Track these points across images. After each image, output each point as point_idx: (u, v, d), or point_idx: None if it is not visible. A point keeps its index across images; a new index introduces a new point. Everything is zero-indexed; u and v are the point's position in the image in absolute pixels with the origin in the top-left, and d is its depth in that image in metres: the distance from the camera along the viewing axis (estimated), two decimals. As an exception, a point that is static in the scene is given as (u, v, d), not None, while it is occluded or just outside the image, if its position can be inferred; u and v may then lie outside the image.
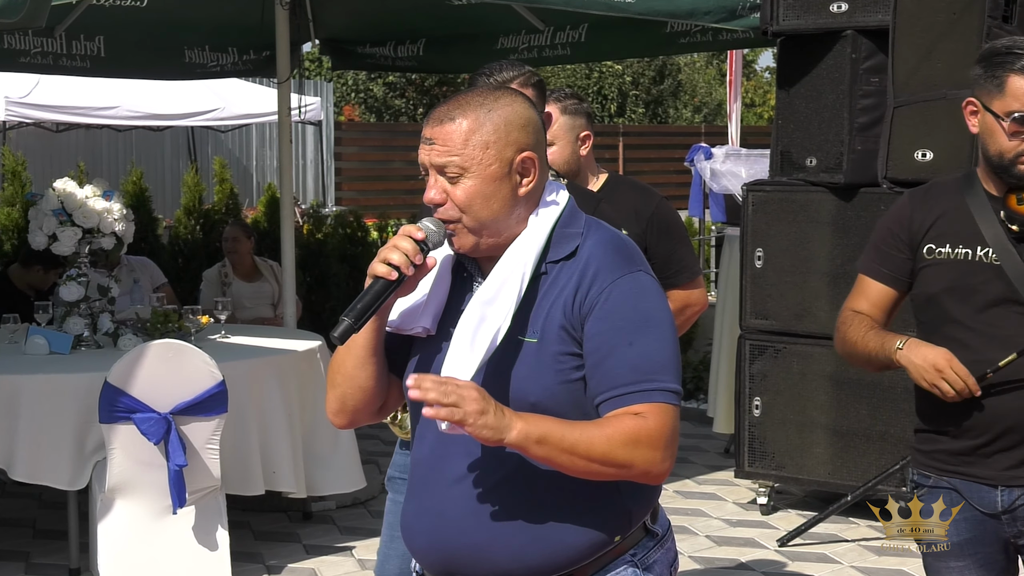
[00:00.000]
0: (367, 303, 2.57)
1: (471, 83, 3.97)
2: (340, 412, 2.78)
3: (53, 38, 8.41)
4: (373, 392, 2.75)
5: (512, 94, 2.68)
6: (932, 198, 3.51)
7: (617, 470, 2.56)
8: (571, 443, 2.52)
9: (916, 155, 6.16)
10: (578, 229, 2.69)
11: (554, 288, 2.62)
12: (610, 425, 2.55)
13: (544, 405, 2.57)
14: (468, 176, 2.59)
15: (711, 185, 9.52)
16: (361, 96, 32.46)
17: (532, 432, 2.50)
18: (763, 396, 7.13)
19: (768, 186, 7.14)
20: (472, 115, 2.60)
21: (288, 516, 7.12)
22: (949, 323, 3.41)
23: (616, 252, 2.66)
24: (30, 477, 6.02)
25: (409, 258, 2.57)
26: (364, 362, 2.71)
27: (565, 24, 8.66)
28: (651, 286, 2.65)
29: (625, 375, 2.57)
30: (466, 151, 2.59)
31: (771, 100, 33.86)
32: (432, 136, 2.61)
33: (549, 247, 2.65)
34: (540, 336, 2.60)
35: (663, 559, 2.75)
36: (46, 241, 6.76)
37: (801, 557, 6.51)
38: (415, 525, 2.72)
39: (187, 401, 5.71)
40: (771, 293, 7.09)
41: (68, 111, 15.57)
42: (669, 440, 2.58)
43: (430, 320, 2.69)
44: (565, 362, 2.59)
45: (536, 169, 2.65)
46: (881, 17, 6.53)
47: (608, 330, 2.58)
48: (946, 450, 3.45)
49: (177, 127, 18.08)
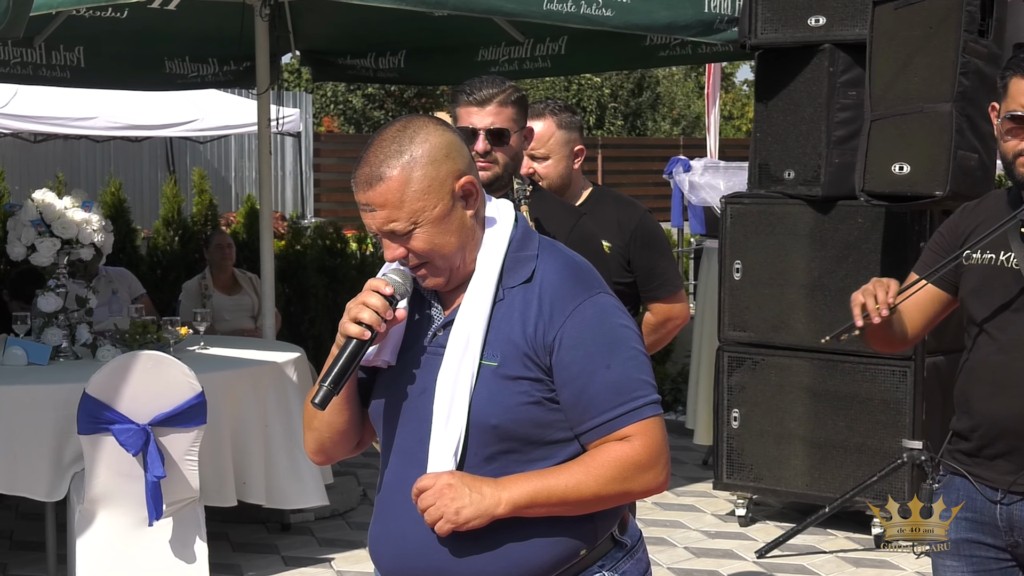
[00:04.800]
0: (344, 365, 2.58)
1: (452, 99, 3.98)
2: (319, 452, 2.83)
3: (32, 48, 8.39)
4: (350, 433, 2.80)
5: (423, 125, 2.62)
6: (982, 204, 3.59)
7: (616, 501, 2.62)
8: (560, 495, 2.56)
9: (893, 168, 6.19)
10: (532, 252, 2.69)
11: (512, 312, 2.63)
12: (596, 461, 2.57)
13: (505, 427, 2.59)
14: (420, 227, 2.58)
15: (690, 197, 9.54)
16: (340, 108, 32.44)
17: (519, 500, 2.55)
18: (741, 408, 7.15)
19: (746, 198, 7.17)
20: (396, 167, 2.56)
21: (267, 527, 7.11)
22: (973, 326, 3.48)
23: (572, 277, 2.66)
24: (8, 488, 6.01)
25: (380, 315, 2.59)
26: (340, 409, 2.74)
27: (545, 36, 8.68)
28: (612, 305, 2.67)
29: (610, 399, 2.58)
30: (407, 205, 2.57)
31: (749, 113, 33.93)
32: (368, 201, 2.59)
33: (503, 273, 2.66)
34: (500, 360, 2.60)
35: (633, 569, 2.74)
36: (25, 252, 6.75)
37: (779, 569, 6.52)
38: (381, 548, 2.74)
39: (166, 412, 5.70)
40: (749, 305, 7.12)
41: (46, 121, 15.50)
42: (660, 453, 2.61)
43: (390, 353, 2.70)
44: (526, 386, 2.60)
45: (476, 189, 2.65)
46: (858, 31, 6.57)
47: (582, 358, 2.59)
48: (961, 449, 3.50)
49: (156, 138, 18.03)
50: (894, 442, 6.63)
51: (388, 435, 2.72)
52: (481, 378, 2.60)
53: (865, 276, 6.69)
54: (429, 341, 2.68)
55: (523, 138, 3.98)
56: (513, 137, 3.90)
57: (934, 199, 6.13)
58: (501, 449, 2.61)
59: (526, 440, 2.60)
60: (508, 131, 3.88)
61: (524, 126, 3.97)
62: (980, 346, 3.44)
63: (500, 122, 3.87)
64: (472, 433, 2.59)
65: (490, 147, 3.87)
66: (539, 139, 4.47)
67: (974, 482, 3.44)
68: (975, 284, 3.47)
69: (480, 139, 3.87)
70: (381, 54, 9.56)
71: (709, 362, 8.09)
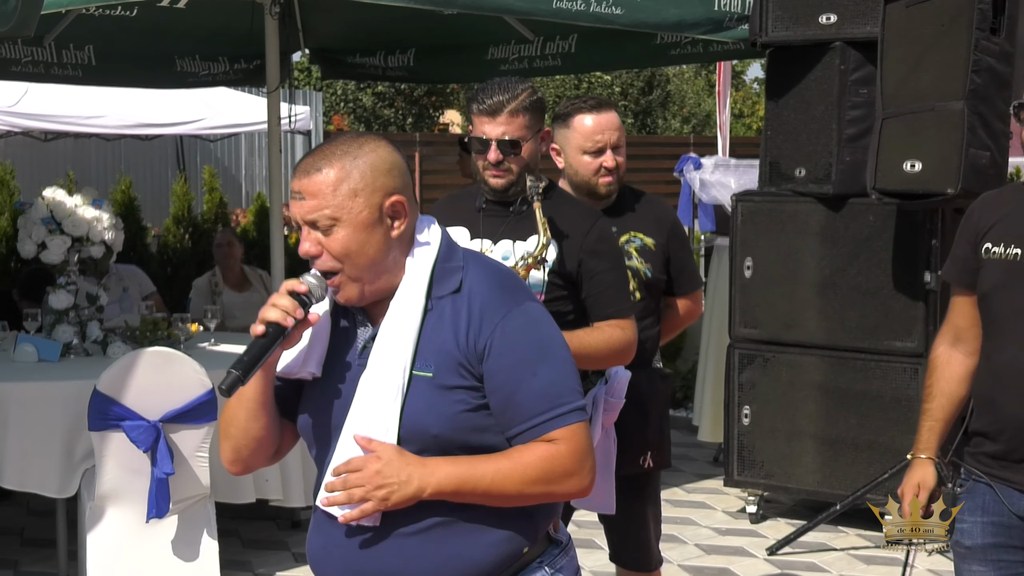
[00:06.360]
0: (253, 357, 2.61)
1: (473, 98, 3.97)
2: (235, 461, 2.84)
3: (43, 47, 8.41)
4: (267, 441, 2.80)
5: (376, 140, 2.70)
6: (1002, 196, 3.55)
7: (538, 500, 2.66)
8: (485, 488, 2.60)
9: (904, 166, 6.18)
10: (458, 263, 2.72)
11: (442, 322, 2.65)
12: (523, 459, 2.62)
13: (446, 436, 2.63)
14: (340, 225, 2.62)
15: (700, 195, 9.53)
16: (350, 106, 32.46)
17: (444, 488, 2.59)
18: (752, 405, 7.14)
19: (757, 196, 7.16)
20: (338, 164, 2.62)
21: (277, 524, 7.12)
22: (995, 324, 3.44)
23: (499, 286, 2.70)
24: (19, 485, 6.02)
25: (289, 313, 2.62)
26: (256, 415, 2.75)
27: (555, 35, 8.68)
28: (539, 313, 2.71)
29: (536, 405, 2.62)
30: (336, 201, 2.61)
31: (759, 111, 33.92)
32: (301, 189, 2.64)
33: (432, 283, 2.68)
34: (435, 370, 2.63)
35: (569, 566, 2.80)
36: (35, 249, 6.76)
37: (790, 566, 6.52)
38: (326, 557, 2.75)
39: (177, 409, 5.70)
40: (760, 303, 7.11)
41: (56, 120, 15.52)
42: (584, 458, 2.65)
43: (315, 364, 2.73)
44: (462, 394, 2.63)
45: (406, 211, 2.68)
46: (870, 29, 6.55)
47: (510, 365, 2.62)
48: (985, 452, 3.48)
49: (166, 136, 18.03)
50: (905, 439, 6.59)
51: (320, 449, 2.76)
52: (417, 389, 2.63)
53: (876, 274, 6.71)
54: (358, 355, 2.71)
55: (540, 140, 3.97)
56: (526, 146, 3.89)
57: (946, 197, 6.12)
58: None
59: (465, 446, 2.63)
60: (520, 140, 3.87)
61: (540, 130, 3.95)
62: (1005, 346, 3.38)
63: (512, 131, 3.86)
64: (412, 443, 2.62)
65: (502, 157, 3.87)
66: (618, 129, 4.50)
67: (1001, 486, 3.41)
68: (997, 280, 3.41)
69: (492, 149, 3.86)
70: (391, 52, 9.56)
71: (717, 359, 8.09)
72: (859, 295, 6.80)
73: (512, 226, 3.93)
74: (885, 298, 6.70)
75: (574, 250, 3.91)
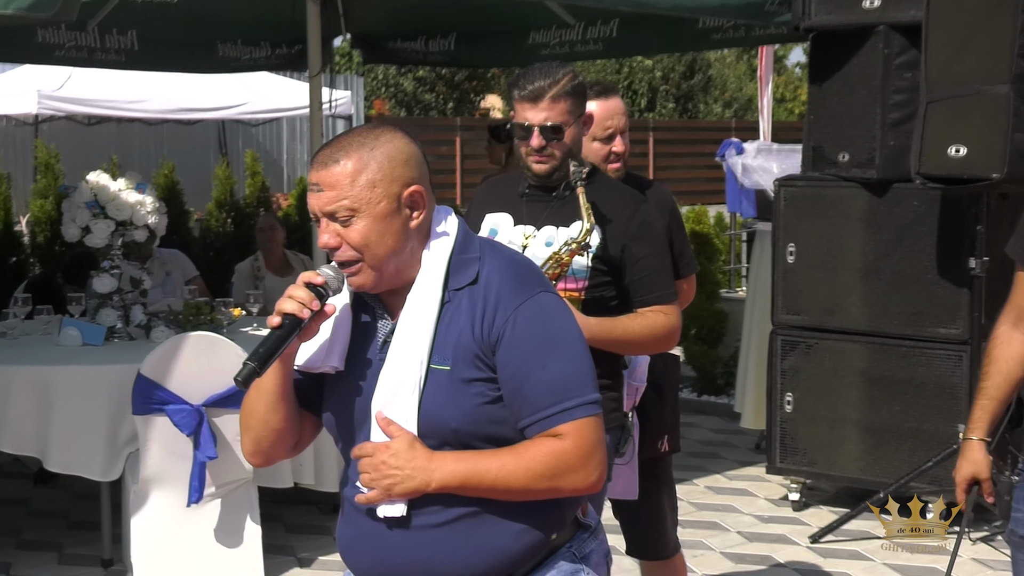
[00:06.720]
0: (269, 348, 2.62)
1: (509, 91, 3.96)
2: (256, 453, 2.84)
3: (86, 32, 8.44)
4: (287, 433, 2.80)
5: (392, 131, 2.70)
6: None
7: (545, 495, 2.65)
8: (490, 483, 2.60)
9: (949, 150, 6.13)
10: (475, 254, 2.72)
11: (459, 315, 2.65)
12: (528, 454, 2.61)
13: (465, 429, 2.63)
14: (359, 216, 2.62)
15: (742, 180, 9.49)
16: (391, 90, 32.50)
17: (449, 483, 2.60)
18: (795, 392, 7.11)
19: (800, 181, 7.12)
20: (355, 155, 2.62)
21: (319, 509, 7.14)
22: None
23: (515, 277, 2.69)
24: (64, 468, 6.07)
25: (305, 304, 2.63)
26: (275, 407, 2.75)
27: (596, 19, 8.65)
28: (553, 304, 2.69)
29: (544, 399, 2.61)
30: (354, 192, 2.61)
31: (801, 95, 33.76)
32: (319, 181, 2.63)
33: (449, 275, 2.68)
34: (452, 363, 2.63)
35: (598, 549, 2.80)
36: (79, 233, 6.80)
37: (833, 554, 6.49)
38: (355, 547, 2.77)
39: (219, 393, 5.73)
40: (803, 288, 7.07)
41: (100, 104, 15.64)
42: (591, 453, 2.63)
43: (337, 358, 2.73)
44: (480, 387, 2.62)
45: (424, 202, 2.68)
46: (914, 13, 6.50)
47: (519, 357, 2.61)
48: None
49: (208, 120, 18.14)
50: (949, 427, 6.58)
51: (346, 443, 2.77)
52: (435, 383, 2.63)
53: (920, 260, 6.67)
54: (379, 349, 2.71)
55: (582, 125, 3.96)
56: (569, 131, 3.88)
57: (990, 182, 6.07)
58: (462, 449, 2.64)
59: (486, 438, 2.63)
60: (563, 125, 3.86)
61: (582, 114, 3.94)
62: None
63: (554, 117, 3.85)
64: (432, 436, 2.62)
65: (545, 143, 3.86)
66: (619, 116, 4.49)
67: None
68: None
69: (535, 135, 3.85)
70: (432, 37, 9.56)
71: (759, 346, 8.06)
72: (903, 281, 6.75)
73: (555, 212, 3.92)
74: (929, 284, 6.66)
75: (617, 235, 3.89)
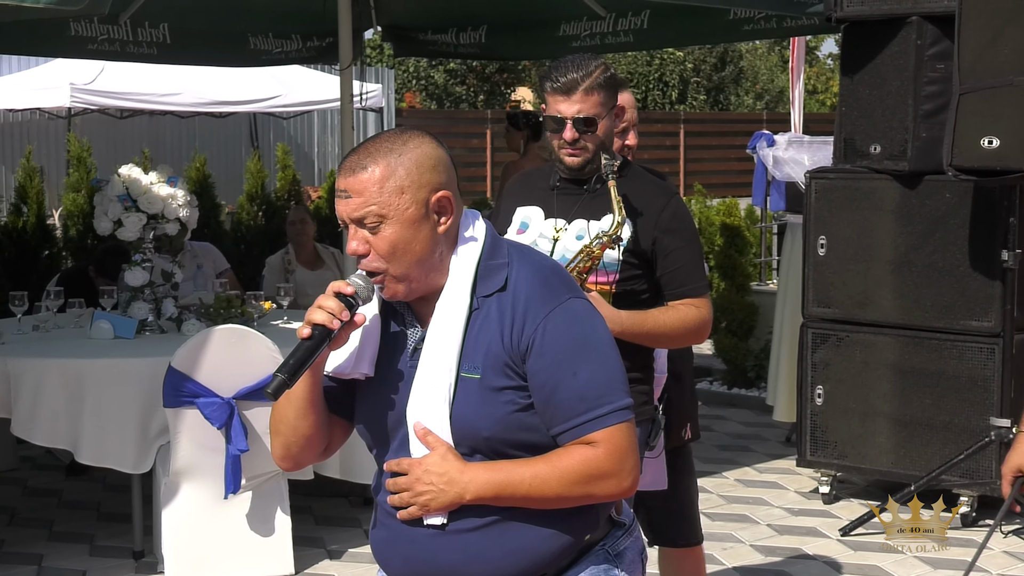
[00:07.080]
0: (299, 359, 2.61)
1: (540, 84, 3.95)
2: (286, 458, 2.84)
3: (118, 25, 8.47)
4: (316, 439, 2.80)
5: (420, 136, 2.67)
6: None
7: (579, 502, 2.64)
8: (525, 493, 2.60)
9: (982, 142, 6.09)
10: (503, 260, 2.70)
11: (488, 322, 2.64)
12: (562, 463, 2.60)
13: (497, 437, 2.62)
14: (387, 223, 2.60)
15: (773, 172, 9.46)
16: (422, 83, 32.52)
17: (484, 494, 2.60)
18: (825, 384, 7.09)
19: (832, 173, 7.09)
20: (383, 161, 2.60)
21: (349, 501, 7.16)
22: None
23: (544, 283, 2.67)
24: (95, 460, 6.10)
25: (335, 315, 2.61)
26: (304, 413, 2.75)
27: (627, 11, 8.63)
28: (582, 310, 2.67)
29: (576, 406, 2.60)
30: (382, 198, 2.59)
31: (833, 87, 33.61)
32: (346, 187, 2.62)
33: (477, 282, 2.67)
34: (482, 371, 2.62)
35: (633, 547, 2.79)
36: (111, 227, 6.82)
37: (864, 547, 6.47)
38: (388, 550, 2.76)
39: (250, 386, 5.74)
40: (834, 281, 7.05)
41: (132, 98, 15.70)
42: (624, 459, 2.62)
43: (367, 365, 2.72)
44: (510, 395, 2.62)
45: (452, 207, 2.66)
46: (947, 3, 6.46)
47: (550, 365, 2.60)
48: None
49: (240, 114, 18.19)
50: (981, 420, 6.55)
51: (380, 449, 2.76)
52: (465, 391, 2.62)
53: (952, 252, 6.63)
54: (410, 357, 2.70)
55: (614, 117, 3.94)
56: (602, 123, 3.86)
57: (1023, 174, 6.03)
58: (495, 458, 2.64)
59: (519, 445, 2.63)
60: (596, 118, 3.84)
61: (614, 106, 3.92)
62: None
63: (587, 110, 3.83)
64: (464, 444, 2.62)
65: (578, 135, 3.84)
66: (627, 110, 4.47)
67: None
68: None
69: (568, 128, 3.83)
70: (462, 29, 9.55)
71: (791, 338, 8.03)
72: (935, 273, 6.72)
73: (586, 205, 3.91)
74: (961, 276, 6.62)
75: (648, 228, 3.88)
